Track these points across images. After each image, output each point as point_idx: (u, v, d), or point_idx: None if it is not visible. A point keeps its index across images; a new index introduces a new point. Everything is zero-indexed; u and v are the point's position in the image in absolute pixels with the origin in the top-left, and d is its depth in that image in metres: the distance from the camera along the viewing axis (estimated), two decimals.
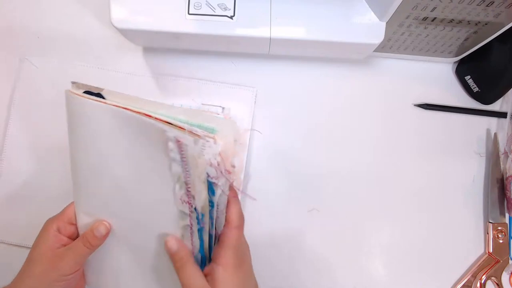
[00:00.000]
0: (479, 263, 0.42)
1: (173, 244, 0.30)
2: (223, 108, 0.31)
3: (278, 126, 0.44)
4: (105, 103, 0.27)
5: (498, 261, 0.42)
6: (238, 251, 0.31)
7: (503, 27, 0.37)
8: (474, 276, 0.42)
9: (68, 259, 0.31)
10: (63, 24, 0.46)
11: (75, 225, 0.33)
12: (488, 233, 0.42)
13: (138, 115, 0.26)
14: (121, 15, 0.36)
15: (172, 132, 0.25)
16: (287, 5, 0.37)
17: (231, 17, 0.37)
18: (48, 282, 0.31)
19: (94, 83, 0.29)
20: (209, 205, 0.28)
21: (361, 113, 0.45)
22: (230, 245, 0.30)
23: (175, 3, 0.36)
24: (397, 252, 0.43)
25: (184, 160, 0.26)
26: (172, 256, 0.30)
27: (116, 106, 0.27)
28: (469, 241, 0.43)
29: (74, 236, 0.33)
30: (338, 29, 0.37)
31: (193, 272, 0.29)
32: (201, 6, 0.36)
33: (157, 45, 0.44)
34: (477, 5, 0.34)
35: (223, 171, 0.27)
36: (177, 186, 0.27)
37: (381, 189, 0.44)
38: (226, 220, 0.31)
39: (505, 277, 0.42)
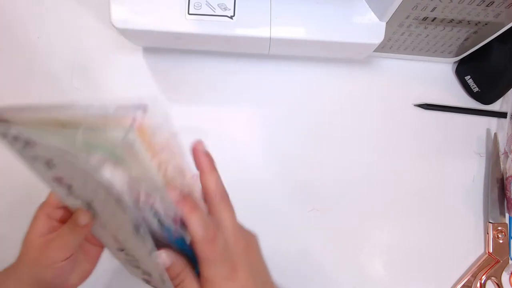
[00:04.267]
0: (479, 263, 0.42)
1: (165, 259, 0.26)
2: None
3: (278, 125, 0.44)
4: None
5: (498, 261, 0.42)
6: (218, 263, 0.27)
7: (503, 27, 0.37)
8: (474, 276, 0.42)
9: (56, 245, 0.29)
10: (63, 24, 0.46)
11: (64, 208, 0.31)
12: (488, 233, 0.42)
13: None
14: (121, 15, 0.36)
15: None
16: (287, 5, 0.37)
17: (231, 17, 0.37)
18: (40, 268, 0.30)
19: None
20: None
21: (361, 113, 0.45)
22: (204, 260, 0.27)
23: (175, 3, 0.36)
24: (397, 252, 0.43)
25: None
26: (168, 272, 0.27)
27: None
28: (469, 241, 0.43)
29: (66, 218, 0.31)
30: (338, 29, 0.37)
31: None
32: (201, 6, 0.36)
33: (157, 45, 0.44)
34: (477, 5, 0.34)
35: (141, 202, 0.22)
36: None
37: (381, 189, 0.43)
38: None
39: (505, 277, 0.42)
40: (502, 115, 0.45)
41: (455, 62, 0.46)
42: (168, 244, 0.27)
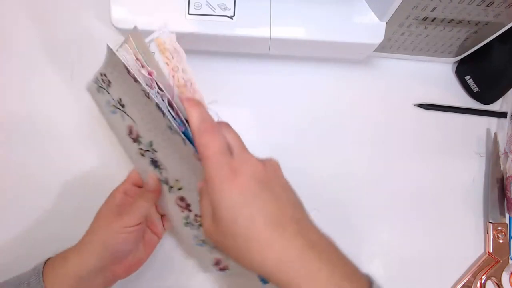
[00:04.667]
0: (479, 263, 0.42)
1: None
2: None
3: (277, 125, 0.44)
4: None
5: (498, 261, 0.42)
6: (216, 162, 0.26)
7: (503, 27, 0.37)
8: (474, 276, 0.42)
9: (129, 211, 0.33)
10: (63, 24, 0.46)
11: (138, 186, 0.36)
12: (488, 233, 0.42)
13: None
14: (121, 15, 0.36)
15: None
16: (287, 5, 0.37)
17: (231, 17, 0.37)
18: (110, 233, 0.33)
19: None
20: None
21: (361, 113, 0.45)
22: (202, 156, 0.26)
23: (175, 3, 0.36)
24: (397, 252, 0.43)
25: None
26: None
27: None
28: (469, 241, 0.43)
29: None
30: (338, 29, 0.37)
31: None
32: (201, 6, 0.36)
33: None
34: (477, 5, 0.34)
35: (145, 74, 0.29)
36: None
37: (380, 189, 0.43)
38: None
39: (505, 277, 0.42)
40: (502, 115, 0.45)
41: (455, 62, 0.46)
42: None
